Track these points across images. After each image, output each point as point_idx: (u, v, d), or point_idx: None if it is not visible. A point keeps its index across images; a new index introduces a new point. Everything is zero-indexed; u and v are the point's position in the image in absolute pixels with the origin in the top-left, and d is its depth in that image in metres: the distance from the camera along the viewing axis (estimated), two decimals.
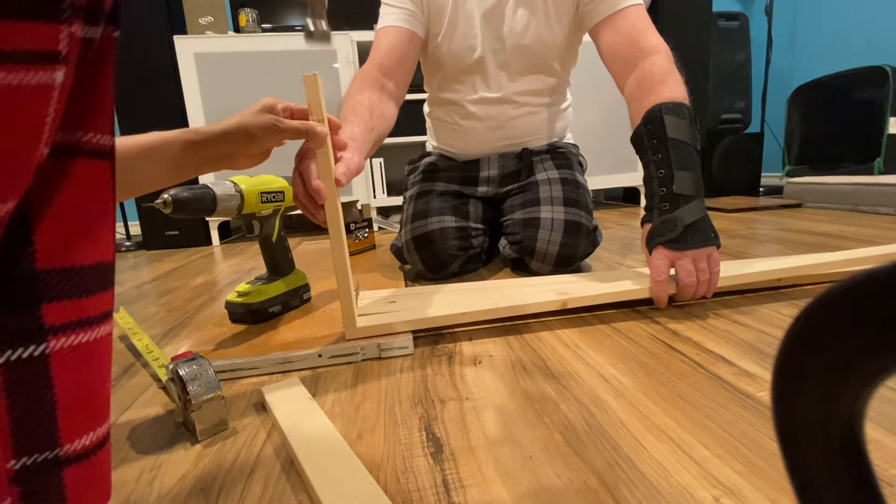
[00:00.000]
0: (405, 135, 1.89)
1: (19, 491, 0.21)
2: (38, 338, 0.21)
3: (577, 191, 1.00)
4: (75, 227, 0.22)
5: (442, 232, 0.97)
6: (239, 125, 0.55)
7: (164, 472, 0.41)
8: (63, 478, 0.23)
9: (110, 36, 0.22)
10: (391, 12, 0.96)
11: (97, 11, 0.21)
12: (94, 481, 0.25)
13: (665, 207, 0.70)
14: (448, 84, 1.07)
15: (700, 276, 0.68)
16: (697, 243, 0.67)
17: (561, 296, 0.72)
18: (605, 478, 0.37)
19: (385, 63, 0.90)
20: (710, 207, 1.94)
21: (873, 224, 1.42)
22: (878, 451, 0.38)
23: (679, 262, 0.68)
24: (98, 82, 0.23)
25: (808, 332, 0.16)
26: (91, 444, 0.24)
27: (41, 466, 0.22)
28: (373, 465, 0.40)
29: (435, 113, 1.15)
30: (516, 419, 0.46)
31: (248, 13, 1.87)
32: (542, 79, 1.04)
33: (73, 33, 0.20)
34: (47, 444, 0.22)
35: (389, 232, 1.79)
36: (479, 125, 1.07)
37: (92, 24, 0.21)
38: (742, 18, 2.19)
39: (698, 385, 0.51)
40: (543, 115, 1.08)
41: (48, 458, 0.22)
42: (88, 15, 0.20)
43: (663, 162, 0.71)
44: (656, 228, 0.71)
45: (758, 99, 2.30)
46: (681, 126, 0.71)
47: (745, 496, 0.34)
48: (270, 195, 0.74)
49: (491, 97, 1.04)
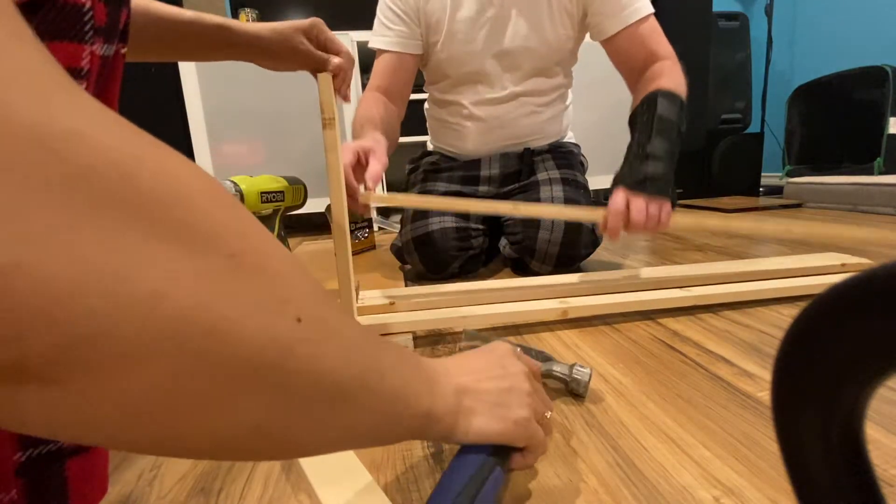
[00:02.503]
0: (405, 135, 1.88)
1: (24, 482, 0.22)
2: None
3: (577, 191, 1.00)
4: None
5: (442, 232, 0.97)
6: (272, 34, 0.59)
7: (164, 472, 0.41)
8: (65, 469, 0.24)
9: (120, 52, 0.24)
10: (384, 33, 1.00)
11: (113, 31, 0.23)
12: (94, 474, 0.26)
13: (635, 163, 0.74)
14: (450, 88, 1.07)
15: (649, 223, 0.70)
16: (654, 193, 0.71)
17: (562, 304, 0.72)
18: (605, 478, 0.37)
19: (383, 86, 0.99)
20: (711, 207, 1.94)
21: (873, 224, 1.42)
22: (878, 451, 0.38)
23: (633, 201, 0.70)
24: (108, 94, 0.25)
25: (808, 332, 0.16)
26: None
27: (45, 458, 0.23)
28: (373, 465, 0.40)
29: (436, 113, 1.15)
30: None
31: (248, 13, 1.87)
32: (544, 80, 1.04)
33: (94, 52, 0.22)
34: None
35: (389, 232, 1.79)
36: (482, 125, 1.07)
37: (108, 43, 0.23)
38: (742, 18, 2.19)
39: (698, 385, 0.51)
40: (546, 115, 1.09)
41: (52, 449, 0.23)
42: (107, 35, 0.22)
43: (646, 128, 0.76)
44: (621, 173, 0.75)
45: (758, 99, 2.30)
46: (671, 109, 0.76)
47: (745, 496, 0.34)
48: (270, 195, 0.74)
49: (493, 98, 1.04)
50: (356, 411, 0.22)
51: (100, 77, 0.23)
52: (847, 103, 2.10)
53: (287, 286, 0.19)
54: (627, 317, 0.72)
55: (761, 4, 2.36)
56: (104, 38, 0.22)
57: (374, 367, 0.23)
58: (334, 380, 0.21)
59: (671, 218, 0.71)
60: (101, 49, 0.22)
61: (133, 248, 0.13)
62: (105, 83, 0.24)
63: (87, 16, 0.21)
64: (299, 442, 0.21)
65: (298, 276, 0.20)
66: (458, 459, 0.31)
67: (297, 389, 0.19)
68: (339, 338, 0.21)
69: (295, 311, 0.18)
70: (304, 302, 0.19)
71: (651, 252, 1.18)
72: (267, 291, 0.18)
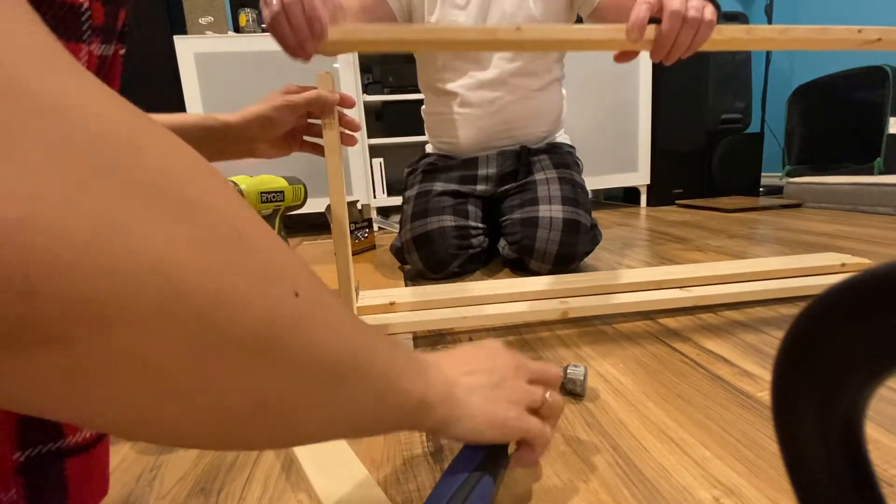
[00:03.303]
0: (405, 135, 1.90)
1: (23, 482, 0.22)
2: None
3: (574, 189, 1.00)
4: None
5: (441, 231, 0.97)
6: (256, 109, 0.59)
7: (164, 472, 0.41)
8: (65, 469, 0.24)
9: (118, 53, 0.24)
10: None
11: (111, 31, 0.23)
12: (94, 473, 0.25)
13: None
14: (442, 73, 1.08)
15: (689, 13, 0.55)
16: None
17: (562, 304, 0.72)
18: (605, 478, 0.37)
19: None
20: (711, 207, 1.94)
21: (873, 224, 1.42)
22: (878, 451, 0.38)
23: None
24: None
25: (807, 332, 0.16)
26: (91, 437, 0.25)
27: (45, 458, 0.23)
28: (373, 465, 0.40)
29: (431, 107, 1.16)
30: None
31: (248, 13, 1.86)
32: (534, 60, 1.06)
33: (91, 52, 0.21)
34: (51, 436, 0.23)
35: (389, 232, 1.79)
36: (476, 111, 1.08)
37: (106, 43, 0.22)
38: (742, 18, 2.19)
39: (698, 385, 0.51)
40: (538, 101, 1.10)
41: (51, 449, 0.23)
42: (105, 34, 0.22)
43: None
44: None
45: (758, 99, 2.30)
46: None
47: (745, 496, 0.34)
48: (270, 195, 0.74)
49: (486, 79, 1.05)
50: (354, 390, 0.23)
51: (98, 75, 0.23)
52: (847, 103, 2.09)
53: (284, 262, 0.19)
54: (627, 317, 0.72)
55: (761, 4, 2.36)
56: (102, 38, 0.22)
57: (370, 347, 0.24)
58: (332, 357, 0.21)
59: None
60: (98, 49, 0.22)
61: (140, 213, 0.14)
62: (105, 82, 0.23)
63: (85, 15, 0.21)
64: (300, 423, 0.21)
65: (291, 254, 0.21)
66: (449, 469, 0.32)
67: (298, 363, 0.19)
68: (334, 316, 0.22)
69: (292, 285, 0.19)
70: (300, 278, 0.20)
71: (651, 252, 1.18)
72: (267, 264, 0.18)
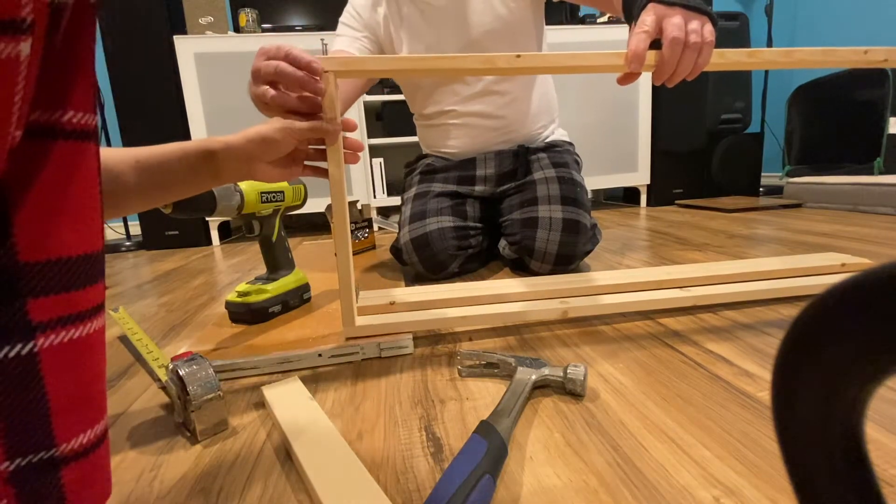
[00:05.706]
0: (405, 135, 1.90)
1: (15, 492, 0.21)
2: (24, 335, 0.20)
3: (574, 189, 1.00)
4: (58, 216, 0.21)
5: (440, 232, 0.97)
6: (257, 129, 0.56)
7: (164, 472, 0.41)
8: (61, 477, 0.23)
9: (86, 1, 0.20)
10: (344, 32, 1.01)
11: None
12: (94, 479, 0.24)
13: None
14: (429, 99, 1.09)
15: (690, 38, 0.55)
16: (690, 5, 0.57)
17: (562, 304, 0.72)
18: (605, 478, 0.37)
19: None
20: (711, 207, 1.94)
21: (873, 224, 1.42)
22: (878, 451, 0.38)
23: (669, 17, 0.56)
24: (75, 55, 0.21)
25: (808, 332, 0.16)
26: (88, 442, 0.23)
27: (37, 467, 0.22)
28: (373, 465, 0.40)
29: (422, 121, 1.17)
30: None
31: (248, 13, 1.86)
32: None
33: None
34: (42, 445, 0.22)
35: (389, 232, 1.79)
36: (468, 121, 1.08)
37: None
38: (742, 18, 2.19)
39: (698, 385, 0.51)
40: (527, 101, 1.10)
41: (44, 458, 0.22)
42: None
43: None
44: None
45: (758, 99, 2.30)
46: None
47: (745, 496, 0.34)
48: (270, 195, 0.74)
49: (472, 93, 1.05)
50: None
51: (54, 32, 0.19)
52: (847, 103, 2.09)
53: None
54: (627, 317, 0.72)
55: (761, 4, 2.37)
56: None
57: None
58: None
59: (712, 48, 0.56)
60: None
61: None
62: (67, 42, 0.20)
63: None
64: None
65: None
66: (449, 469, 0.32)
67: None
68: None
69: None
70: None
71: (651, 252, 1.18)
72: None
